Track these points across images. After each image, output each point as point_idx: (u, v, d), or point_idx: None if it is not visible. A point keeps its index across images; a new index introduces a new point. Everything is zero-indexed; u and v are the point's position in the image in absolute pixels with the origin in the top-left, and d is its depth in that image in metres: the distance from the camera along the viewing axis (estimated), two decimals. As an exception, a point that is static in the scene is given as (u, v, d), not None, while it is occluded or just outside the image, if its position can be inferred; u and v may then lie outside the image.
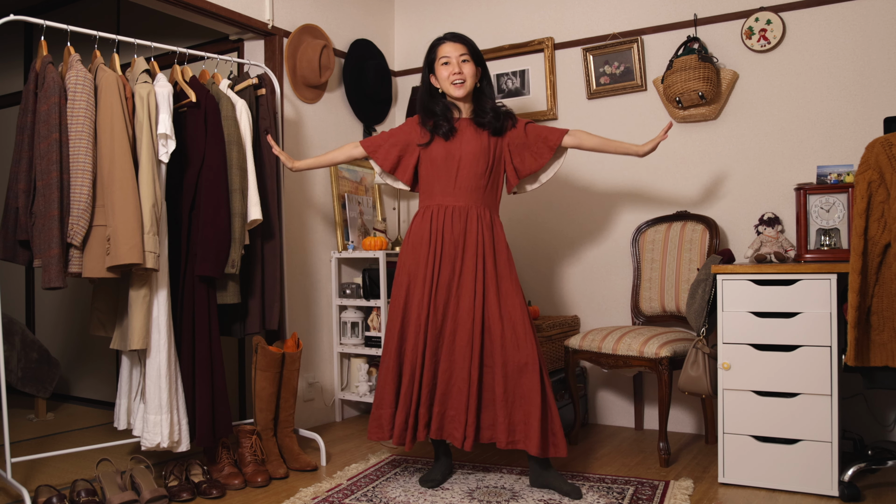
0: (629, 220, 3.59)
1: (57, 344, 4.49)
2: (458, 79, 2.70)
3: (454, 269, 2.66)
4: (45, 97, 2.43)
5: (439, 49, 2.73)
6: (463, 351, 2.59)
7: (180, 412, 2.68)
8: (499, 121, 2.73)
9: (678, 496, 2.52)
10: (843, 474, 2.47)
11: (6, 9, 4.26)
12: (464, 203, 2.70)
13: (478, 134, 2.73)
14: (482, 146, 2.71)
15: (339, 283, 3.80)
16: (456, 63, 2.69)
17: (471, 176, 2.70)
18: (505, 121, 2.75)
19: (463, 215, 2.69)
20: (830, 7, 3.13)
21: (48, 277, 2.38)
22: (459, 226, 2.68)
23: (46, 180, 2.39)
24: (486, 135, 2.73)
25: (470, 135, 2.73)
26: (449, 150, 2.72)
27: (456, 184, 2.71)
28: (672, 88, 3.30)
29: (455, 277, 2.65)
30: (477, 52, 2.75)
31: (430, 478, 2.72)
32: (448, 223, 2.69)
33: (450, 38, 2.74)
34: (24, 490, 2.43)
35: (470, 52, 2.72)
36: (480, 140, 2.72)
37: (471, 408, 2.56)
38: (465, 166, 2.70)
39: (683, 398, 3.43)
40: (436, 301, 2.64)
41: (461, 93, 2.70)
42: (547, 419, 2.54)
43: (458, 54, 2.70)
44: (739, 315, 2.64)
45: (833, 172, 2.78)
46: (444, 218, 2.70)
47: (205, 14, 3.17)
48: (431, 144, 2.75)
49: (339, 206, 3.82)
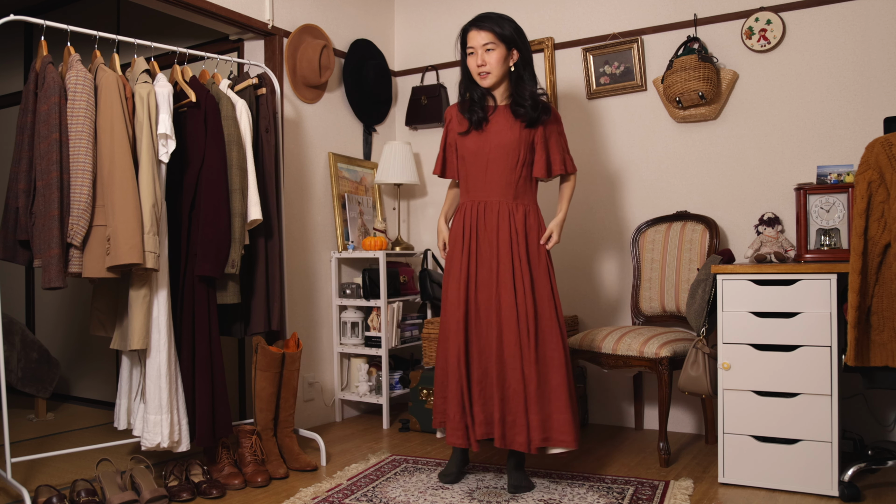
0: (629, 220, 3.59)
1: (57, 344, 4.49)
2: (482, 70, 2.61)
3: (491, 267, 2.60)
4: (46, 97, 2.43)
5: (467, 37, 2.64)
6: (512, 350, 2.53)
7: (180, 412, 2.68)
8: (536, 111, 2.62)
9: (678, 496, 2.52)
10: (843, 474, 2.47)
11: (6, 9, 4.26)
12: (496, 198, 2.63)
13: (511, 124, 2.62)
14: (514, 138, 2.61)
15: (339, 283, 3.80)
16: (480, 53, 2.60)
17: (501, 170, 2.62)
18: (541, 114, 2.63)
19: (495, 211, 2.62)
20: (830, 7, 3.13)
21: (48, 277, 2.38)
22: (492, 222, 2.61)
23: (46, 180, 2.39)
24: (519, 125, 2.62)
25: (502, 125, 2.63)
26: (480, 142, 2.64)
27: (486, 178, 2.64)
28: (672, 88, 3.30)
29: (493, 276, 2.59)
30: (507, 35, 2.59)
31: (447, 472, 2.72)
32: (482, 221, 2.63)
33: (475, 25, 2.62)
34: (24, 490, 2.43)
35: (497, 37, 2.58)
36: (513, 131, 2.62)
37: (531, 410, 2.51)
38: (496, 159, 2.62)
39: (683, 398, 3.43)
40: (477, 300, 2.59)
41: (487, 83, 2.62)
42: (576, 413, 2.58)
43: (482, 43, 2.59)
44: (739, 315, 2.64)
45: (833, 172, 2.78)
46: (476, 215, 2.64)
47: (205, 14, 3.17)
48: (468, 136, 2.67)
49: (339, 206, 3.82)
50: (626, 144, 3.60)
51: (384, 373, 3.62)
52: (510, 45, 2.61)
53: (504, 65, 2.61)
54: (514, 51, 2.62)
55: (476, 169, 2.65)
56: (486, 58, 2.59)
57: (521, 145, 2.63)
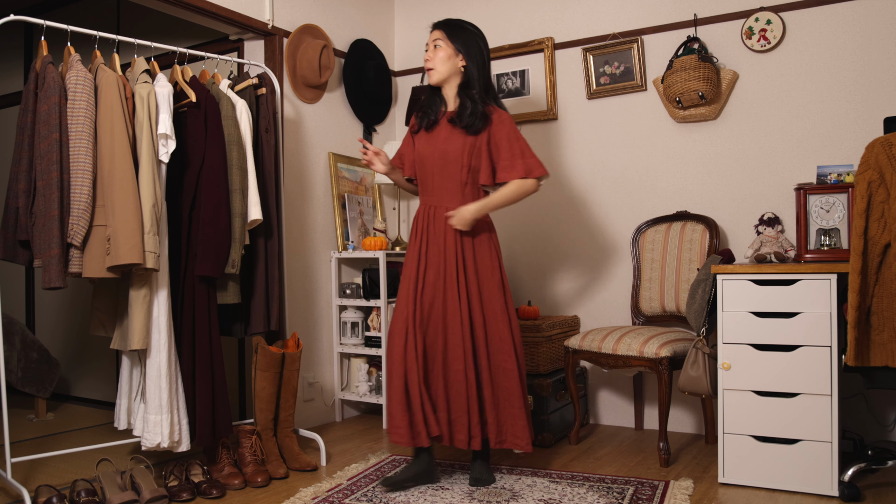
0: (629, 220, 3.59)
1: (57, 344, 4.49)
2: (426, 66, 2.62)
3: (439, 270, 2.62)
4: (46, 97, 2.43)
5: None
6: (456, 352, 2.58)
7: (180, 412, 2.68)
8: (473, 123, 2.59)
9: (678, 496, 2.52)
10: (843, 474, 2.47)
11: (6, 9, 4.26)
12: (445, 203, 2.65)
13: (455, 131, 2.63)
14: (458, 145, 2.61)
15: (339, 283, 3.80)
16: (430, 50, 2.62)
17: (448, 176, 2.64)
18: (477, 121, 2.59)
19: (443, 217, 2.64)
20: (830, 7, 3.13)
21: (48, 277, 2.38)
22: (440, 228, 2.64)
23: (46, 180, 2.39)
24: (463, 132, 2.62)
25: (449, 131, 2.64)
26: (430, 147, 2.66)
27: (435, 182, 2.67)
28: (672, 88, 3.30)
29: (441, 279, 2.62)
30: (457, 37, 2.60)
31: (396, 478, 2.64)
32: (432, 226, 2.65)
33: (435, 23, 2.66)
34: (24, 490, 2.43)
35: (447, 36, 2.60)
36: (457, 138, 2.61)
37: (472, 408, 2.57)
38: (442, 166, 2.64)
39: (683, 398, 3.43)
40: (423, 301, 2.61)
41: (431, 80, 2.63)
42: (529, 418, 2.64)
43: (433, 39, 2.62)
44: (739, 315, 2.64)
45: (833, 172, 2.78)
46: (427, 219, 2.67)
47: (205, 14, 3.17)
48: (419, 137, 2.70)
49: (339, 206, 3.82)
50: (626, 144, 3.60)
51: (384, 373, 3.62)
52: (459, 47, 2.61)
53: (449, 65, 2.61)
54: (461, 55, 2.62)
55: (426, 173, 2.69)
56: (432, 54, 2.61)
57: (466, 152, 2.61)
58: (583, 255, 3.72)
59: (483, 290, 2.63)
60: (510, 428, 2.60)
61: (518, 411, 2.59)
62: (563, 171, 3.77)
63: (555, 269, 3.80)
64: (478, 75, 2.63)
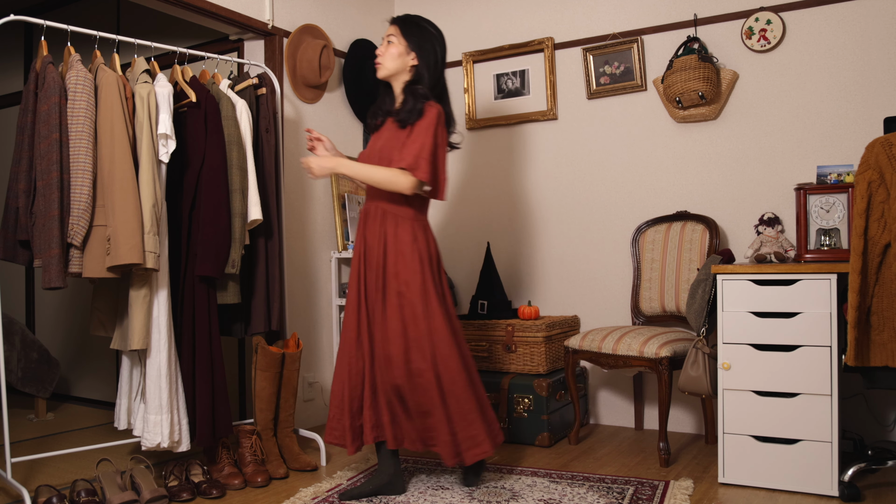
0: (629, 220, 3.59)
1: (57, 344, 4.49)
2: (377, 60, 2.58)
3: (378, 275, 2.55)
4: (46, 97, 2.43)
5: None
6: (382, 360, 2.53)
7: (180, 412, 2.68)
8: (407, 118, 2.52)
9: (678, 496, 2.52)
10: (843, 474, 2.47)
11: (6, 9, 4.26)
12: (378, 203, 2.58)
13: (395, 129, 2.56)
14: (392, 142, 2.54)
15: (339, 283, 3.80)
16: (384, 44, 2.58)
17: None
18: (412, 117, 2.51)
19: (374, 218, 2.58)
20: (830, 7, 3.13)
21: (48, 277, 2.38)
22: (372, 229, 2.58)
23: (46, 180, 2.39)
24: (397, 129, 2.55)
25: (388, 129, 2.59)
26: (372, 146, 2.63)
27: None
28: (672, 88, 3.30)
29: (380, 283, 2.55)
30: (413, 34, 2.55)
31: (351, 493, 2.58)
32: (369, 227, 2.60)
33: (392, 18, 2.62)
34: (24, 490, 2.43)
35: (401, 33, 2.54)
36: (393, 134, 2.55)
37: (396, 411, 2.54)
38: (378, 163, 2.55)
39: (683, 398, 3.43)
40: (367, 306, 2.57)
41: (379, 74, 2.58)
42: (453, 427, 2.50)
43: (387, 34, 2.58)
44: (739, 315, 2.64)
45: (833, 172, 2.78)
46: (365, 221, 2.62)
47: (205, 14, 3.17)
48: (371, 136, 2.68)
49: (339, 206, 3.82)
50: (626, 144, 3.60)
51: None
52: (412, 46, 2.55)
53: (399, 62, 2.55)
54: (413, 53, 2.56)
55: None
56: (383, 49, 2.57)
57: (396, 148, 2.53)
58: (583, 255, 3.72)
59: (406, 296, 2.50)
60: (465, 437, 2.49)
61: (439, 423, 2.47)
62: (563, 171, 3.77)
63: (555, 269, 3.80)
64: (428, 76, 2.57)
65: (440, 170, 2.54)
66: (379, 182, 2.50)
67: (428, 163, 2.47)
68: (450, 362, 2.49)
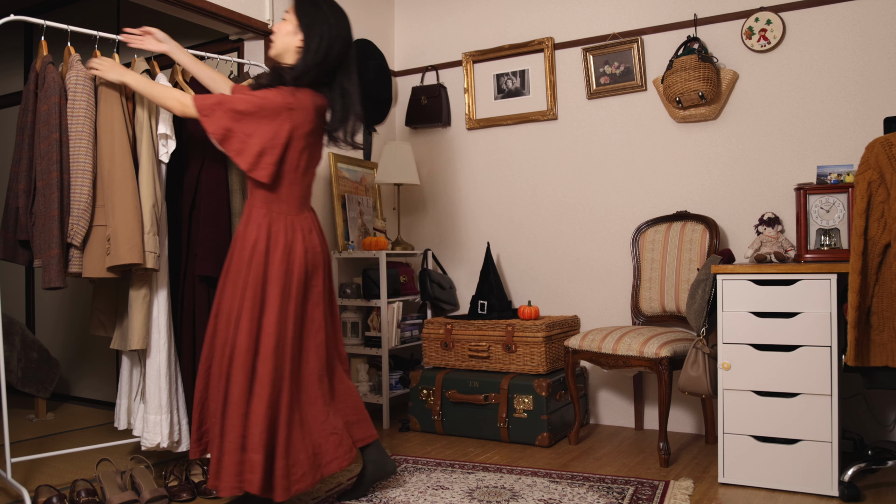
0: (629, 220, 3.59)
1: (57, 344, 4.49)
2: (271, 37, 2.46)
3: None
4: (46, 97, 2.43)
5: None
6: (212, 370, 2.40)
7: (180, 412, 2.68)
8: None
9: (678, 496, 2.52)
10: (843, 474, 2.47)
11: (6, 9, 4.27)
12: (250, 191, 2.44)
13: None
14: None
15: (338, 283, 3.80)
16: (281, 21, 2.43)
17: None
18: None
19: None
20: (830, 7, 3.13)
21: (48, 277, 2.38)
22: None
23: (46, 180, 2.39)
24: None
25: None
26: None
27: None
28: (672, 88, 3.30)
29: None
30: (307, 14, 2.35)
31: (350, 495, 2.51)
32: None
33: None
34: (24, 490, 2.43)
35: (294, 10, 2.37)
36: None
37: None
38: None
39: (683, 398, 3.43)
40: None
41: (269, 53, 2.45)
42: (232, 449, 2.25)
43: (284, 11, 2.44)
44: (739, 315, 2.64)
45: (833, 172, 2.78)
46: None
47: (205, 14, 3.17)
48: None
49: (339, 206, 3.82)
50: (626, 144, 3.60)
51: (384, 373, 3.62)
52: (302, 26, 2.35)
53: (286, 41, 2.37)
54: (301, 35, 2.36)
55: None
56: (279, 26, 2.41)
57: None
58: (583, 255, 3.72)
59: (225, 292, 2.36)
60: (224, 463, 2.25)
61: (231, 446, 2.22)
62: (563, 171, 3.77)
63: (555, 269, 3.80)
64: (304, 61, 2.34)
65: (240, 134, 2.27)
66: (153, 96, 2.37)
67: (224, 111, 2.26)
68: (229, 385, 2.27)
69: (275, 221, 2.34)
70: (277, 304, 2.29)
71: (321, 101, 2.41)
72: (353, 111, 2.50)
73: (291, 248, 2.34)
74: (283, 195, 2.37)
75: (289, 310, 2.32)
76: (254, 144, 2.27)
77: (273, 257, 2.31)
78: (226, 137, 2.27)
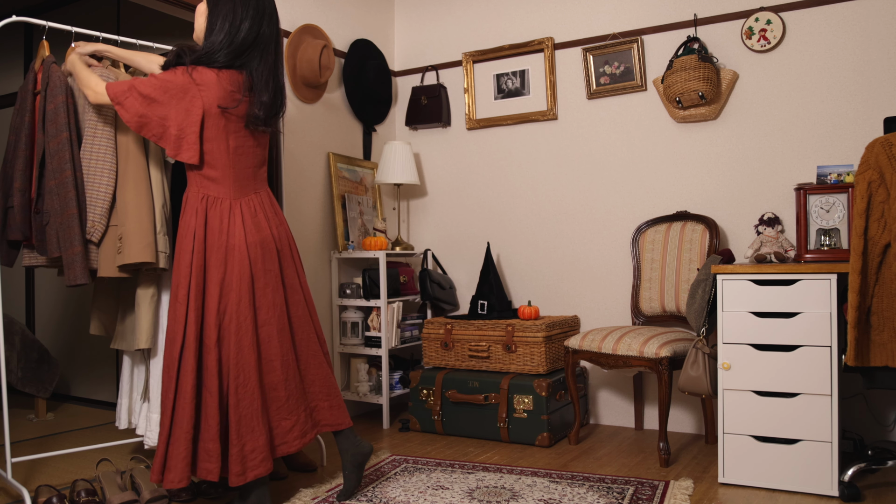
0: (629, 220, 3.59)
1: (57, 344, 4.49)
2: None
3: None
4: (52, 96, 2.42)
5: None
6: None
7: (180, 412, 2.68)
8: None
9: (678, 496, 2.52)
10: (843, 474, 2.47)
11: (6, 9, 4.27)
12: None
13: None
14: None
15: (339, 283, 3.80)
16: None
17: None
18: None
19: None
20: (830, 7, 3.13)
21: (73, 275, 2.35)
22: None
23: (60, 179, 2.37)
24: None
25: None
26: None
27: None
28: (672, 88, 3.30)
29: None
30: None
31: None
32: None
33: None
34: (24, 490, 2.43)
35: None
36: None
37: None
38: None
39: (683, 398, 3.44)
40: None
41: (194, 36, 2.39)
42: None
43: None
44: (739, 315, 2.64)
45: (833, 172, 2.78)
46: None
47: (205, 14, 3.16)
48: None
49: (339, 206, 3.82)
50: (626, 144, 3.61)
51: (384, 373, 3.62)
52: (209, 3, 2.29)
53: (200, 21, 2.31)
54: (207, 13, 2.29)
55: None
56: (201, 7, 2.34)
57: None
58: (583, 254, 3.72)
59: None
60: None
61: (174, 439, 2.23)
62: (563, 171, 3.77)
63: (555, 269, 3.80)
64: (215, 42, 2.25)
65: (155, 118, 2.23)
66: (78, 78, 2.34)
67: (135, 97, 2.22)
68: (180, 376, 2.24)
69: (211, 207, 2.29)
70: (217, 294, 2.25)
71: (237, 79, 2.30)
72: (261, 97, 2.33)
73: (229, 234, 2.28)
74: (217, 179, 2.30)
75: (230, 298, 2.26)
76: (171, 126, 2.23)
77: (210, 244, 2.27)
78: (142, 124, 2.23)
